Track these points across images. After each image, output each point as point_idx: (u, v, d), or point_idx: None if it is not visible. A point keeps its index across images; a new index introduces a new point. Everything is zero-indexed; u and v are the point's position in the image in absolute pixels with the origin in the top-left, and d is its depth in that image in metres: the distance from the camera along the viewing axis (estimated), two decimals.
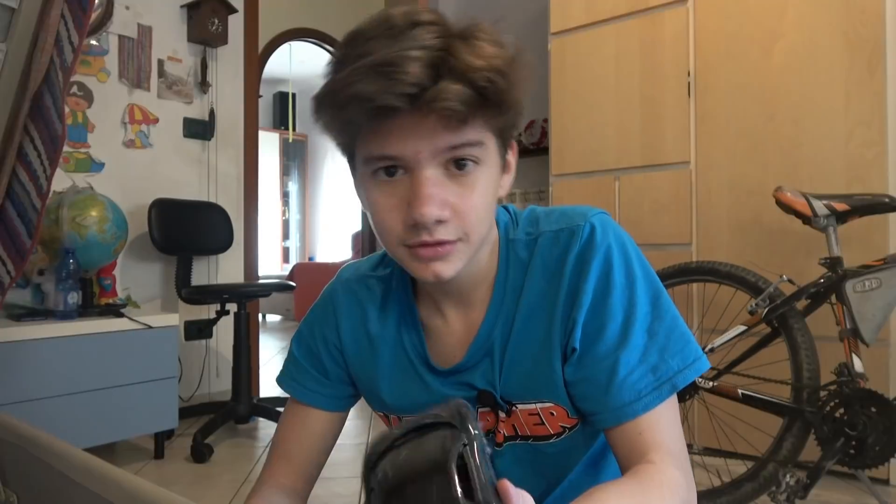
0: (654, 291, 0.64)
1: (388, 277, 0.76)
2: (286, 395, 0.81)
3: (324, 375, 0.78)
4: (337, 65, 0.58)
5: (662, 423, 0.60)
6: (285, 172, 8.00)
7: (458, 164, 0.58)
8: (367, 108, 0.53)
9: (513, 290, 0.68)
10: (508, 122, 0.61)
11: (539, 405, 0.67)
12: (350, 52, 0.56)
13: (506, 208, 0.73)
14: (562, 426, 0.68)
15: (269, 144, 7.39)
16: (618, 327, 0.62)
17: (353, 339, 0.76)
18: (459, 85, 0.53)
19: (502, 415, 0.69)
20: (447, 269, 0.60)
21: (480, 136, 0.58)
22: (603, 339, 0.62)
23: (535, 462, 0.71)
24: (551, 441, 0.69)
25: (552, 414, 0.67)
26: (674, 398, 0.62)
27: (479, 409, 0.70)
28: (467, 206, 0.58)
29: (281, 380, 0.81)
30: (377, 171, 0.58)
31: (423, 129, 0.55)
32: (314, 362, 0.78)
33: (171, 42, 2.84)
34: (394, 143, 0.56)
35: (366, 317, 0.76)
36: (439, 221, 0.57)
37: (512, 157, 0.66)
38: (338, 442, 0.85)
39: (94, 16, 2.50)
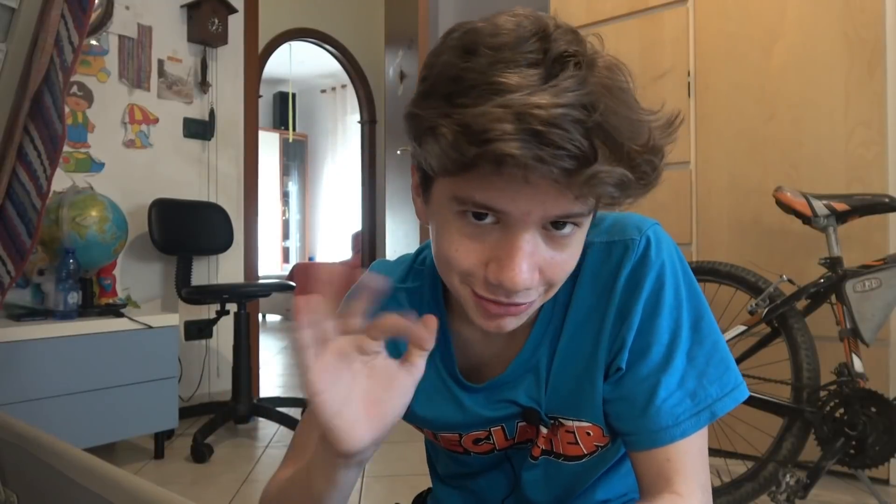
0: (697, 313, 0.62)
1: (418, 290, 0.70)
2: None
3: None
4: (452, 84, 0.48)
5: (694, 452, 0.58)
6: (285, 172, 8.00)
7: (557, 225, 0.51)
8: (509, 167, 0.45)
9: (561, 303, 0.64)
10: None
11: (577, 423, 0.65)
12: (472, 73, 0.47)
13: None
14: (596, 445, 0.66)
15: (269, 144, 7.39)
16: (662, 349, 0.59)
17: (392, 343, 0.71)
18: (621, 168, 0.46)
19: (544, 430, 0.67)
20: (513, 323, 0.56)
21: (589, 206, 0.51)
22: (646, 360, 0.60)
23: (559, 476, 0.70)
24: (582, 461, 0.67)
25: (588, 434, 0.65)
26: (706, 429, 0.60)
27: (519, 423, 0.68)
28: (557, 270, 0.54)
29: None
30: (466, 212, 0.51)
31: (541, 193, 0.48)
32: None
33: (171, 42, 2.84)
34: (504, 199, 0.49)
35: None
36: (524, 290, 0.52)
37: None
38: None
39: (94, 16, 2.50)
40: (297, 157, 8.09)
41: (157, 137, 2.79)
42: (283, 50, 5.06)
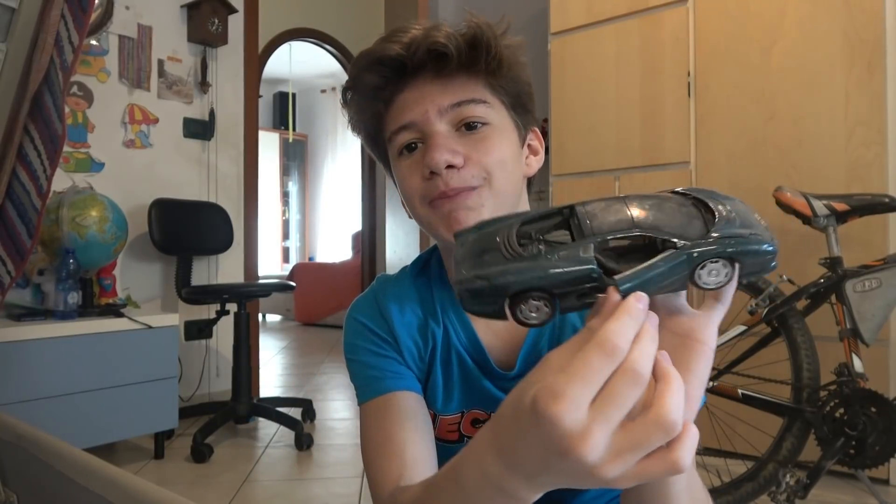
0: None
1: (428, 284, 0.75)
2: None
3: (390, 360, 0.72)
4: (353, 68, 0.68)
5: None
6: (285, 172, 7.99)
7: (468, 126, 0.64)
8: (378, 71, 0.64)
9: None
10: (512, 91, 0.68)
11: None
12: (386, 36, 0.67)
13: None
14: None
15: (269, 144, 7.39)
16: None
17: (407, 334, 0.72)
18: (449, 30, 0.64)
19: None
20: (469, 216, 0.62)
21: (482, 96, 0.65)
22: None
23: None
24: None
25: None
26: None
27: None
28: (481, 153, 0.64)
29: (358, 391, 0.72)
30: (402, 150, 0.66)
31: (430, 92, 0.64)
32: (387, 352, 0.71)
33: (171, 42, 2.84)
34: (407, 112, 0.65)
35: (415, 315, 0.73)
36: (451, 167, 0.62)
37: (535, 140, 0.73)
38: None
39: (94, 16, 2.50)
40: (297, 157, 8.09)
41: (157, 137, 2.79)
42: (283, 50, 5.05)
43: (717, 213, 0.40)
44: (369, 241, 5.34)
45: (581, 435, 0.33)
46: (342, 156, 7.57)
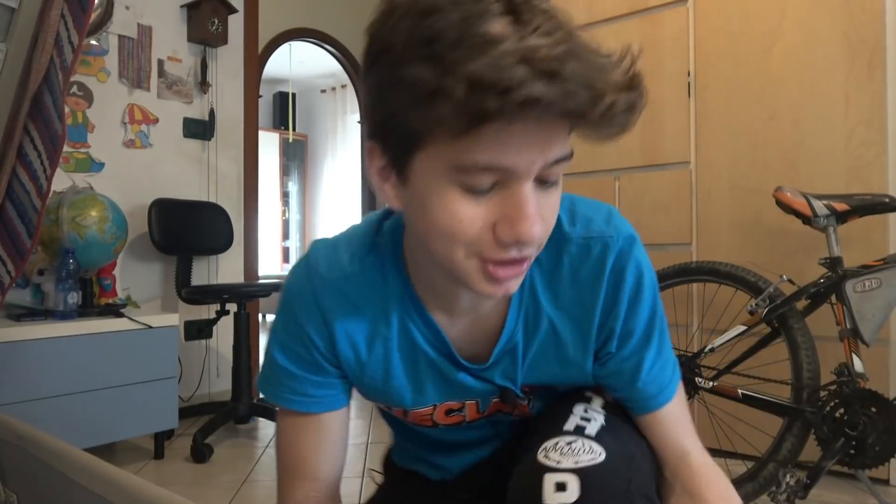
0: (658, 298, 0.71)
1: (381, 270, 0.68)
2: None
3: (325, 377, 0.71)
4: (433, 38, 0.46)
5: (682, 403, 0.73)
6: (285, 172, 7.99)
7: (545, 181, 0.53)
8: (531, 111, 0.45)
9: (529, 289, 0.67)
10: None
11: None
12: (448, 23, 0.46)
13: None
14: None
15: (269, 144, 7.38)
16: (642, 331, 0.68)
17: (349, 345, 0.69)
18: (626, 94, 0.47)
19: (522, 402, 0.74)
20: (516, 285, 0.57)
21: (570, 149, 0.54)
22: (630, 342, 0.68)
23: (551, 392, 0.76)
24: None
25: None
26: (680, 382, 0.74)
27: (494, 399, 0.73)
28: (549, 222, 0.56)
29: (278, 396, 0.73)
30: (470, 188, 0.51)
31: (543, 138, 0.50)
32: (311, 368, 0.70)
33: (171, 42, 2.84)
34: (510, 153, 0.49)
35: (363, 317, 0.68)
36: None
37: None
38: None
39: (94, 16, 2.50)
40: (297, 157, 8.09)
41: (157, 137, 2.79)
42: (283, 50, 5.05)
43: None
44: None
45: None
46: (342, 156, 7.57)
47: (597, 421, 0.67)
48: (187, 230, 2.73)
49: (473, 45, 0.45)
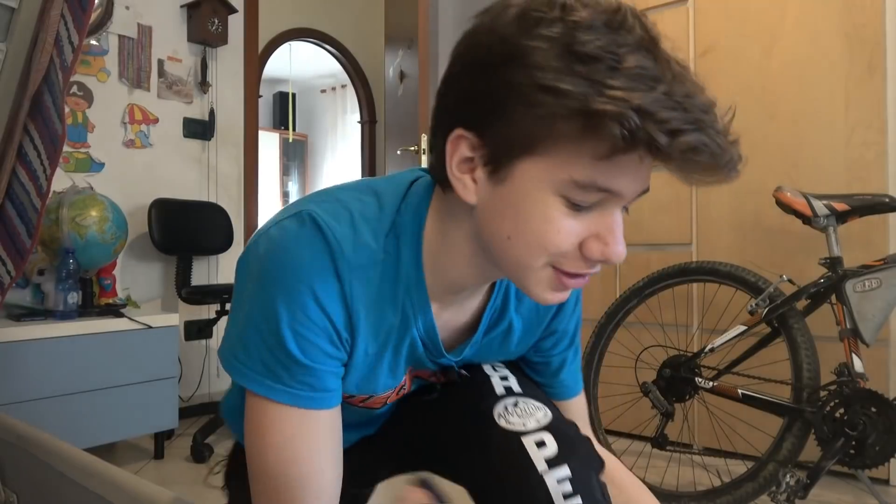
0: None
1: (396, 255, 0.65)
2: None
3: (338, 367, 0.65)
4: (597, 63, 0.48)
5: (584, 401, 0.88)
6: (285, 172, 7.99)
7: (626, 206, 0.58)
8: (699, 155, 0.50)
9: (512, 299, 0.75)
10: None
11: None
12: (626, 62, 0.49)
13: None
14: None
15: (269, 144, 7.39)
16: (571, 335, 0.82)
17: (370, 333, 0.65)
18: (738, 148, 0.57)
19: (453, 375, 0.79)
20: (567, 296, 0.63)
21: None
22: (564, 341, 0.81)
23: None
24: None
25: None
26: None
27: (432, 377, 0.78)
28: None
29: (288, 392, 0.61)
30: (573, 203, 0.54)
31: (644, 171, 0.55)
32: (330, 358, 0.63)
33: (171, 42, 2.84)
34: (625, 181, 0.53)
35: (380, 306, 0.65)
36: None
37: None
38: None
39: (94, 16, 2.50)
40: (297, 157, 8.09)
41: (157, 137, 2.79)
42: (283, 50, 5.05)
43: None
44: None
45: None
46: (342, 156, 7.58)
47: (510, 376, 0.78)
48: (187, 230, 2.73)
49: (635, 78, 0.48)
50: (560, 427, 0.70)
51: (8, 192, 1.47)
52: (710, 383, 1.72)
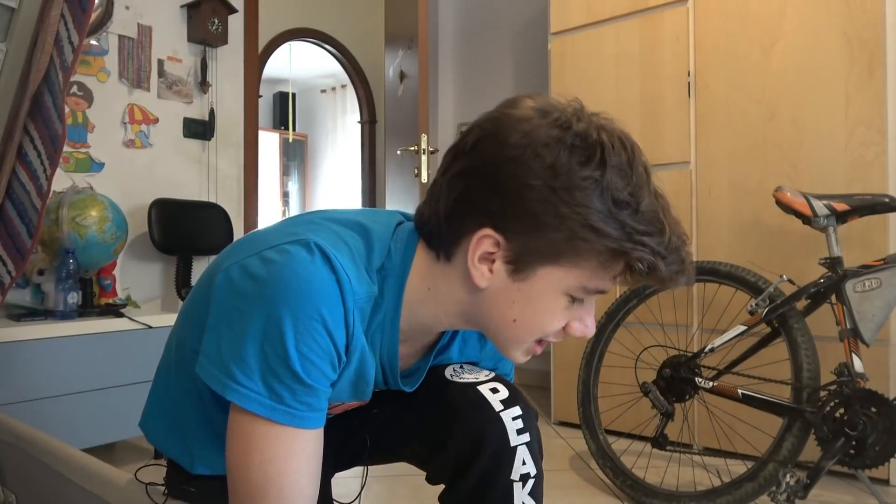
0: None
1: (381, 289, 0.71)
2: None
3: (330, 389, 0.68)
4: (651, 221, 0.64)
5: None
6: (285, 172, 7.99)
7: None
8: (672, 283, 0.66)
9: (460, 336, 0.86)
10: None
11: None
12: (650, 214, 0.64)
13: None
14: None
15: (269, 144, 7.39)
16: (491, 359, 0.91)
17: (356, 360, 0.70)
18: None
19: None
20: None
21: None
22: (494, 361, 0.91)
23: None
24: None
25: None
26: None
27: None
28: None
29: (288, 412, 0.62)
30: (572, 297, 0.68)
31: None
32: (327, 381, 0.66)
33: (171, 42, 2.84)
34: (610, 283, 0.68)
35: (367, 335, 0.71)
36: None
37: None
38: None
39: (94, 16, 2.50)
40: (297, 157, 8.08)
41: (157, 137, 2.79)
42: (283, 50, 5.05)
43: None
44: None
45: None
46: (342, 156, 7.57)
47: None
48: (187, 230, 2.73)
49: (650, 222, 0.63)
50: (505, 380, 0.81)
51: (8, 193, 1.47)
52: (710, 383, 1.71)
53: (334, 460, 0.96)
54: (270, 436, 0.62)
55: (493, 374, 0.81)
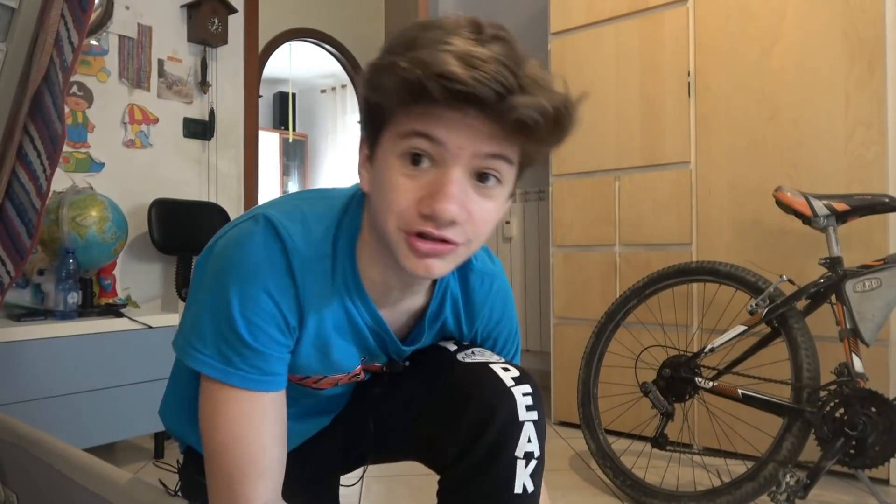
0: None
1: (334, 249, 0.72)
2: None
3: (285, 352, 0.71)
4: (409, 44, 0.58)
5: None
6: (285, 172, 7.99)
7: (482, 177, 0.62)
8: (449, 90, 0.55)
9: (452, 296, 0.83)
10: (536, 156, 0.66)
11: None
12: (427, 36, 0.58)
13: None
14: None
15: (269, 144, 7.39)
16: (502, 343, 0.91)
17: (317, 323, 0.72)
18: (541, 101, 0.57)
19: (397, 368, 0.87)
20: (442, 267, 0.64)
21: (513, 156, 0.62)
22: (499, 343, 0.91)
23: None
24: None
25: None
26: None
27: (382, 369, 0.86)
28: (482, 216, 0.63)
29: (238, 374, 0.67)
30: (405, 154, 0.60)
31: (474, 129, 0.58)
32: (278, 344, 0.69)
33: (171, 42, 2.84)
34: (442, 128, 0.58)
35: (322, 296, 0.72)
36: (452, 222, 0.60)
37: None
38: None
39: (94, 16, 2.50)
40: (297, 157, 8.08)
41: (157, 137, 2.79)
42: (283, 50, 5.05)
43: None
44: None
45: None
46: (342, 156, 7.58)
47: (458, 342, 0.86)
48: (187, 230, 2.73)
49: (433, 46, 0.56)
50: (516, 364, 0.81)
51: (8, 193, 1.47)
52: (710, 383, 1.72)
53: (342, 457, 0.97)
54: (231, 399, 0.68)
55: (503, 359, 0.82)
